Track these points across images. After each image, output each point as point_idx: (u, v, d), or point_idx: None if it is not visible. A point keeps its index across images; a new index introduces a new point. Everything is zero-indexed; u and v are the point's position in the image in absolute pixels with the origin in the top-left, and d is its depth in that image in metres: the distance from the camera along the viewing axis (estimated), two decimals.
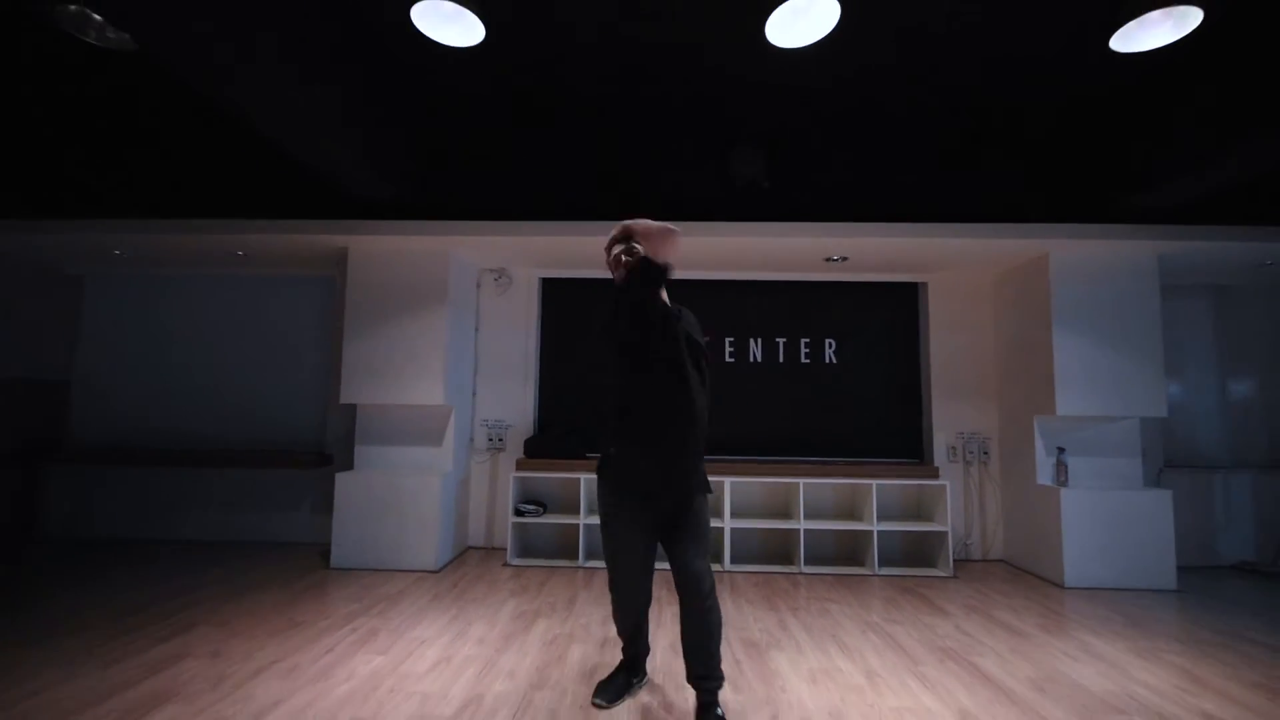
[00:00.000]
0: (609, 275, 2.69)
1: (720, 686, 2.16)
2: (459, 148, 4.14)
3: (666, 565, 2.23)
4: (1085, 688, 2.58)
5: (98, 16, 3.08)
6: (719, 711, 2.12)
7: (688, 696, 2.34)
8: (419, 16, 2.72)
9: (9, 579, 3.84)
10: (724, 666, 2.22)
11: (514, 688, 2.48)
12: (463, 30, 2.80)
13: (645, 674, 2.51)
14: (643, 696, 2.42)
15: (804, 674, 2.66)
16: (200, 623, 3.14)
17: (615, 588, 2.29)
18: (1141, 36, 2.86)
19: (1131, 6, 2.71)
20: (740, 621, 3.32)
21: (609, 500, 2.23)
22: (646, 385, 2.11)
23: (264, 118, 3.12)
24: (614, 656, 2.72)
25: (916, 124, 3.90)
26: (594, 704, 2.31)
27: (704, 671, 2.12)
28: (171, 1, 2.43)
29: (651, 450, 2.08)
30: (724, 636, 3.07)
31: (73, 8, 3.03)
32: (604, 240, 4.19)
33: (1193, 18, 2.71)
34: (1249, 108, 3.16)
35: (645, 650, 2.47)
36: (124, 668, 2.59)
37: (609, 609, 3.31)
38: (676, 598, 2.19)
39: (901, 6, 2.93)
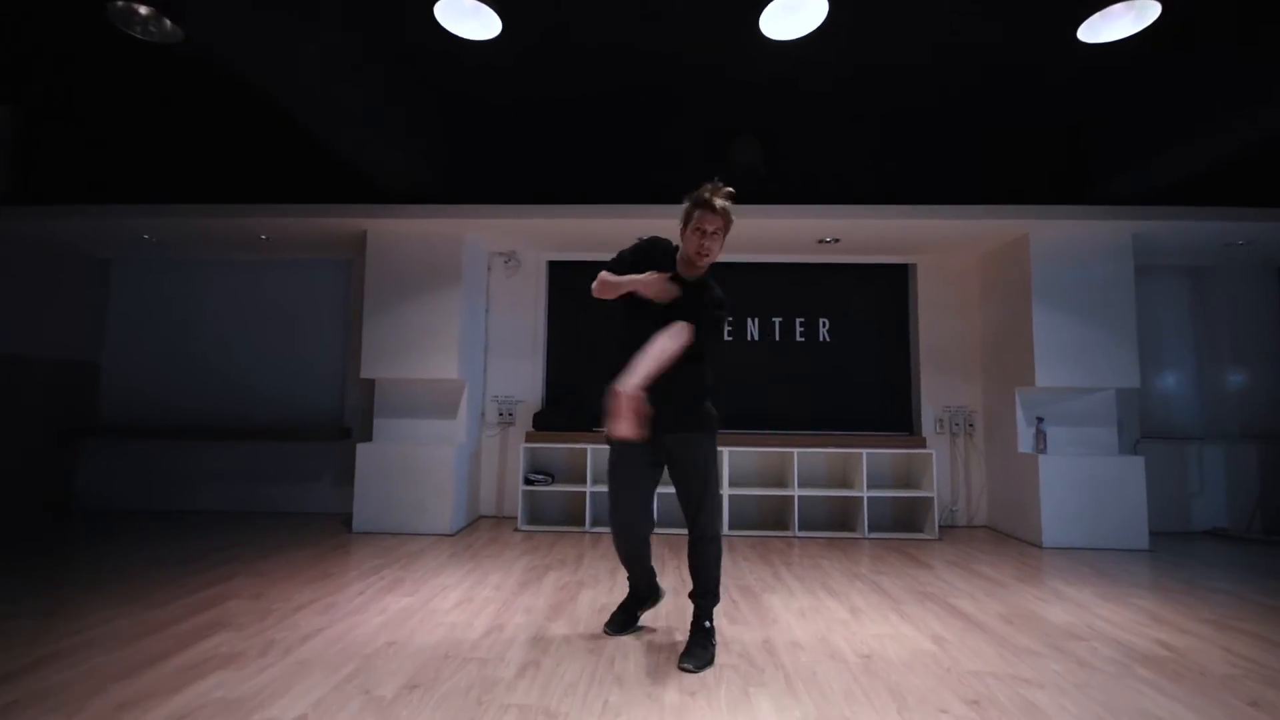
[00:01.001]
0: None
1: (712, 604, 2.40)
2: (474, 136, 4.39)
3: (675, 531, 2.48)
4: (1050, 621, 2.84)
5: (143, 10, 3.33)
6: (706, 624, 2.38)
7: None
8: (441, 12, 2.96)
9: (52, 545, 4.11)
10: (721, 606, 2.47)
11: (531, 620, 2.74)
12: (480, 24, 3.05)
13: (660, 594, 2.71)
14: (651, 628, 2.68)
15: (794, 611, 2.92)
16: (240, 573, 3.40)
17: (614, 511, 2.43)
18: (1106, 28, 3.10)
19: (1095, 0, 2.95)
20: (737, 573, 3.58)
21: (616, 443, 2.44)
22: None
23: (296, 108, 3.36)
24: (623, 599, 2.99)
25: (903, 112, 4.15)
26: (604, 631, 2.58)
27: (700, 590, 2.39)
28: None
29: (656, 391, 2.17)
30: (723, 585, 3.34)
31: (120, 3, 3.28)
32: (606, 224, 4.55)
33: (1151, 10, 2.95)
34: (1209, 94, 3.40)
35: (651, 587, 2.67)
36: (174, 607, 2.85)
37: (616, 564, 3.59)
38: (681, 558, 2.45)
39: (884, 7, 3.17)
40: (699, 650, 2.30)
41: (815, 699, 2.03)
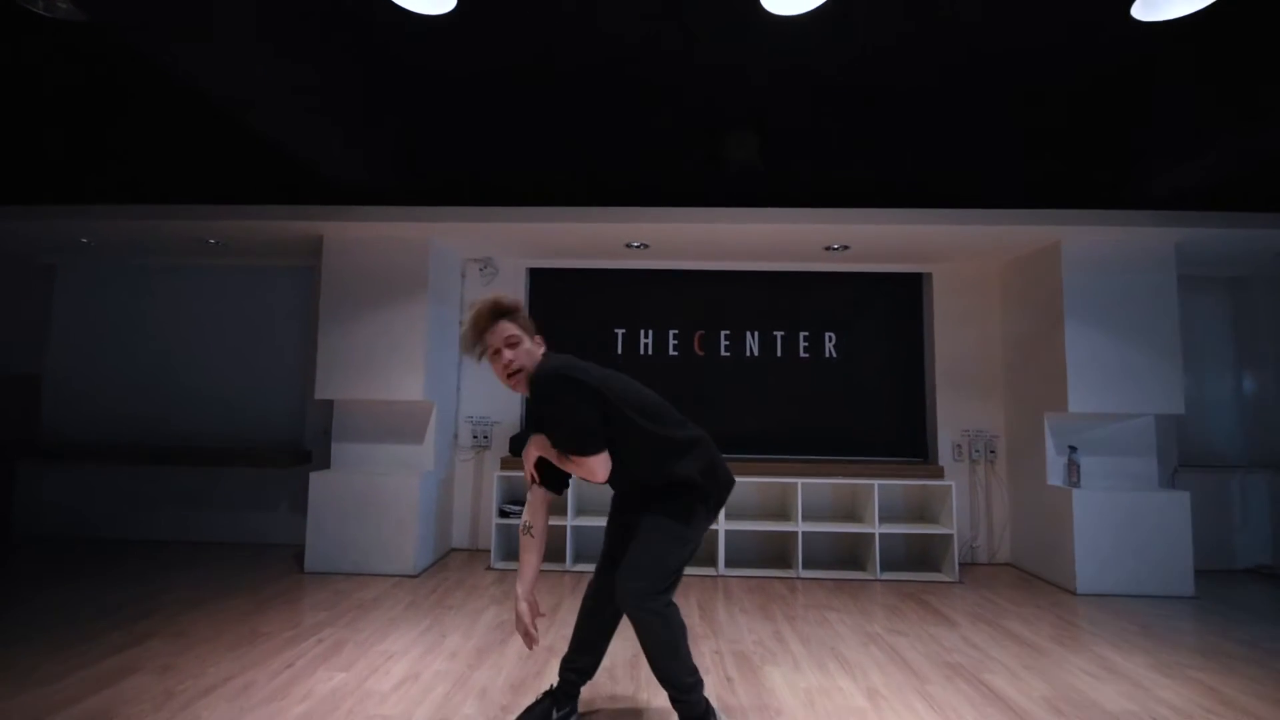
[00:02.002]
0: (598, 266, 2.42)
1: (682, 698, 1.91)
2: (438, 129, 3.92)
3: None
4: (1104, 708, 2.38)
5: None
6: None
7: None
8: None
9: None
10: (713, 683, 2.01)
11: (482, 709, 2.27)
12: None
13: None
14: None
15: (801, 694, 2.45)
16: (157, 633, 2.94)
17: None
18: (1164, 4, 2.64)
19: None
20: (733, 632, 3.12)
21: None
22: None
23: (234, 97, 2.91)
24: None
25: (920, 104, 3.67)
26: None
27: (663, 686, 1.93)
28: None
29: None
30: (716, 649, 2.89)
31: None
32: (592, 228, 3.97)
33: None
34: (1272, 85, 2.94)
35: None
36: (66, 684, 2.39)
37: None
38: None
39: None
40: None
41: None
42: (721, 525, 4.16)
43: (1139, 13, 2.72)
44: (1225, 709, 2.41)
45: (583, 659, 2.11)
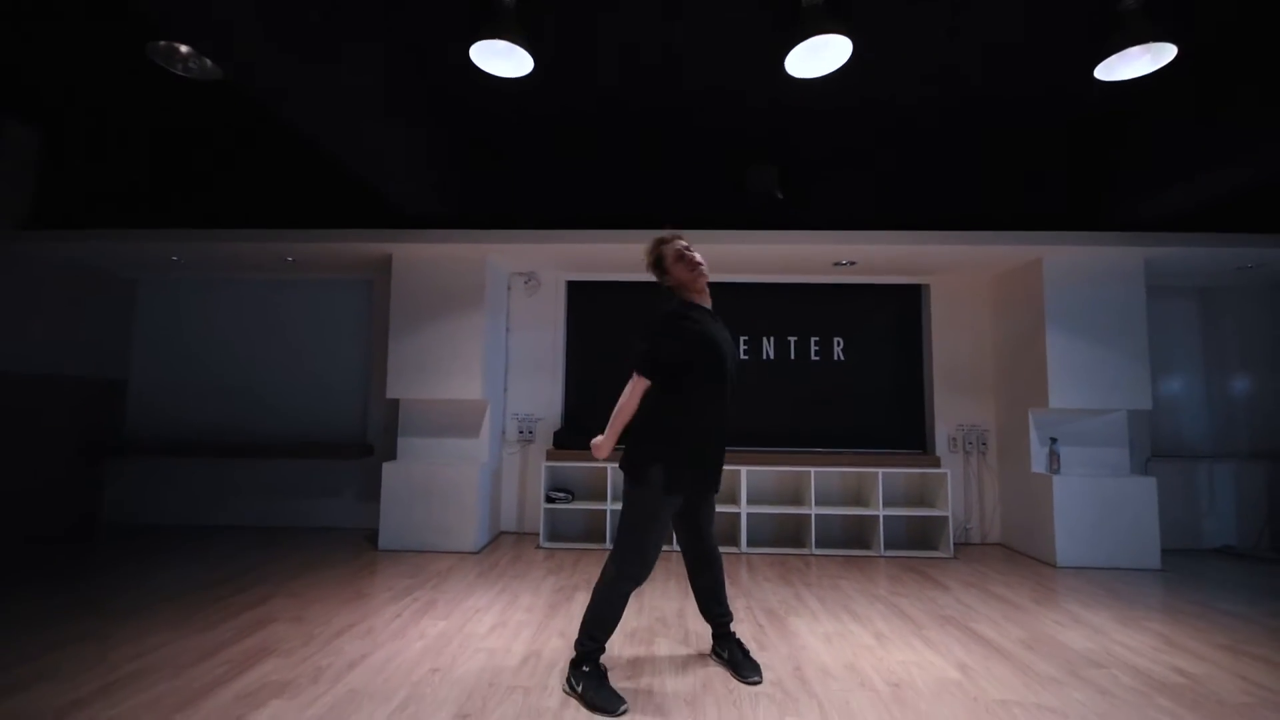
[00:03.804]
0: (630, 279, 2.80)
1: (579, 643, 2.34)
2: (496, 164, 4.49)
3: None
4: (1070, 647, 2.92)
5: (184, 48, 3.44)
6: (574, 659, 2.36)
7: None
8: (477, 53, 3.06)
9: (84, 564, 4.21)
10: (748, 630, 2.55)
11: (566, 644, 2.83)
12: (514, 64, 3.14)
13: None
14: (682, 655, 2.77)
15: (820, 636, 3.01)
16: (275, 594, 3.50)
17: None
18: (1122, 68, 3.19)
19: (1113, 43, 3.04)
20: (759, 594, 3.67)
21: None
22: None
23: (325, 140, 3.45)
24: (649, 621, 3.09)
25: (920, 142, 4.24)
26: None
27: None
28: (255, 36, 2.72)
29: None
30: (748, 606, 3.43)
31: (162, 43, 3.38)
32: (624, 248, 4.61)
33: (1167, 53, 3.04)
34: (1221, 130, 3.49)
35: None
36: (222, 631, 2.95)
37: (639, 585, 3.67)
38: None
39: (910, 48, 3.27)
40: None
41: None
42: (744, 508, 4.70)
43: (1101, 74, 3.27)
44: (1171, 649, 2.94)
45: (716, 609, 2.63)
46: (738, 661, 2.55)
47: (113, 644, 2.76)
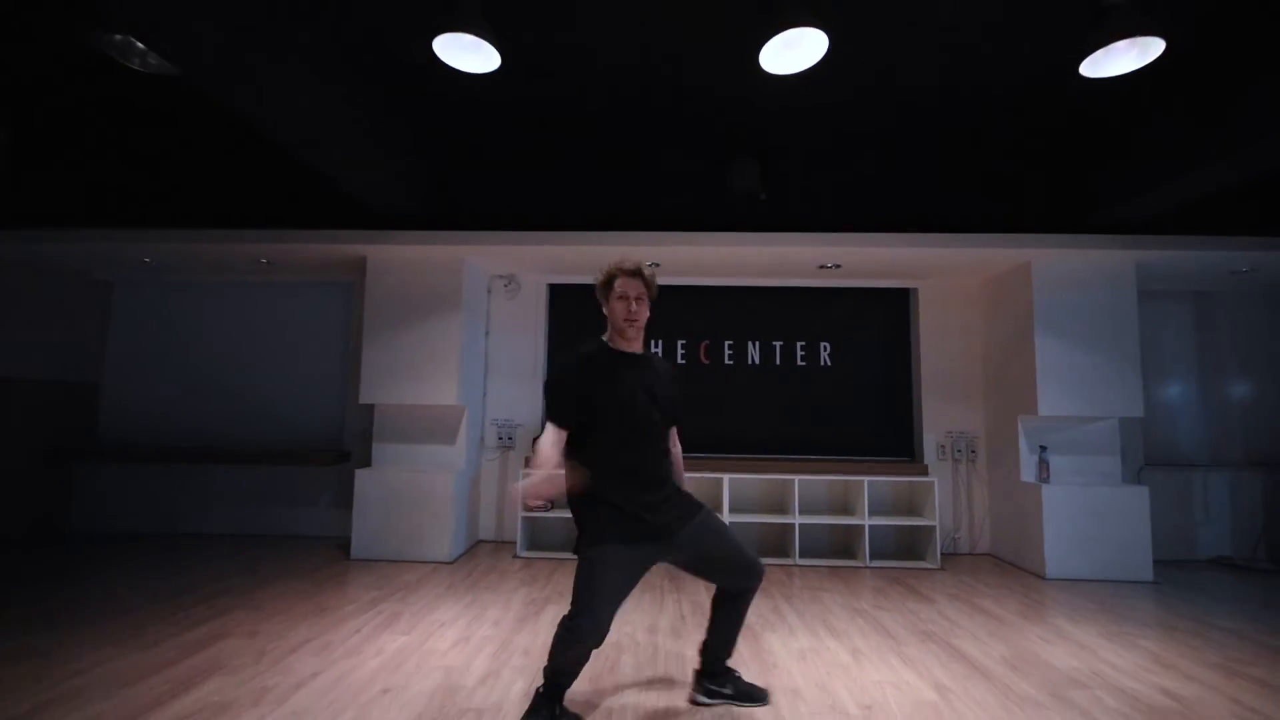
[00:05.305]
0: None
1: (547, 679, 2.13)
2: (473, 163, 4.39)
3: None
4: (1054, 665, 2.80)
5: (141, 44, 3.34)
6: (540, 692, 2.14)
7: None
8: (441, 47, 2.95)
9: (46, 570, 4.09)
10: None
11: (529, 663, 2.71)
12: (481, 59, 3.04)
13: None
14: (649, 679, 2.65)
15: (794, 653, 2.89)
16: (236, 607, 3.38)
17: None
18: (1108, 63, 3.08)
19: (1099, 36, 2.94)
20: None
21: None
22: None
23: (294, 137, 3.35)
24: (619, 635, 2.97)
25: (904, 139, 4.13)
26: None
27: None
28: (211, 30, 2.62)
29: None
30: None
31: (118, 37, 3.28)
32: (608, 250, 4.49)
33: (1155, 48, 2.94)
34: (1212, 127, 3.39)
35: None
36: (169, 648, 2.83)
37: None
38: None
39: (887, 41, 3.17)
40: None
41: None
42: (726, 518, 4.59)
43: (1086, 70, 3.17)
44: (1160, 668, 2.82)
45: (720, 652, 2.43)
46: (744, 692, 2.41)
47: (55, 660, 2.65)
